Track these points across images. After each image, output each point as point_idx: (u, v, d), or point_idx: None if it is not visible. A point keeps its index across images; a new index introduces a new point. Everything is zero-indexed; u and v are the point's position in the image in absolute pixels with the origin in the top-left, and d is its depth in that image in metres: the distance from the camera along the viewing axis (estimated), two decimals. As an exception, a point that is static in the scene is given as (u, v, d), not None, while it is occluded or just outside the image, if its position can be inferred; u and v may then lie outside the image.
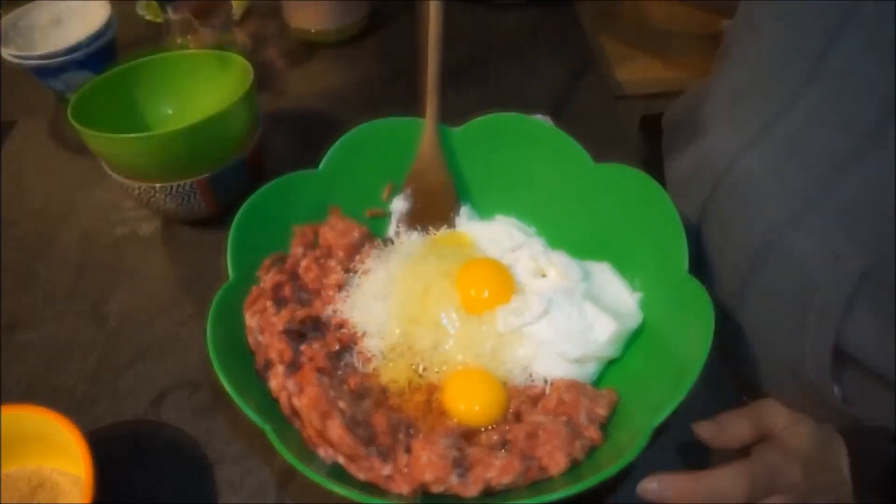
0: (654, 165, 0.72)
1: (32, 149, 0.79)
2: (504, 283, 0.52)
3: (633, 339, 0.51)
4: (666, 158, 0.53)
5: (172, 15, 0.74)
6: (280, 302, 0.52)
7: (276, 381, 0.46)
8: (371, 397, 0.48)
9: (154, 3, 0.74)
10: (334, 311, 0.54)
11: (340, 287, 0.55)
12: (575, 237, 0.58)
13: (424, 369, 0.50)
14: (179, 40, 0.75)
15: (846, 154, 0.45)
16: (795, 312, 0.51)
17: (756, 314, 0.55)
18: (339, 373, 0.49)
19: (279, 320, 0.49)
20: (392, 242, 0.60)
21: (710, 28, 1.01)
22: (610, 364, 0.51)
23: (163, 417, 0.53)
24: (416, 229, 0.60)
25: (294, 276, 0.55)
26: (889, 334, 0.45)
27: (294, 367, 0.48)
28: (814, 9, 0.46)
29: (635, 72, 0.95)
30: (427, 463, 0.41)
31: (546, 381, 0.49)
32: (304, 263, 0.55)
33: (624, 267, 0.55)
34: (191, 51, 0.73)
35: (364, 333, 0.52)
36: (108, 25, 0.78)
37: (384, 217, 0.62)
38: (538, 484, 0.43)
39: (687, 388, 0.42)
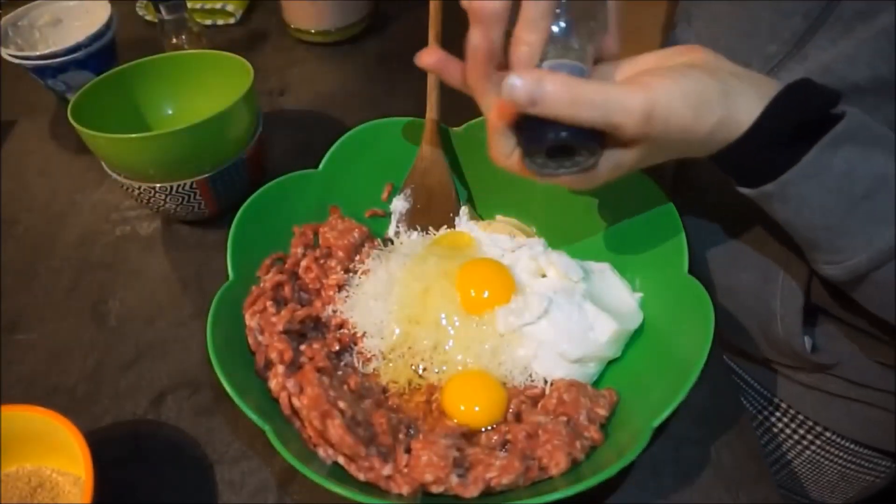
0: (653, 165, 0.72)
1: (32, 149, 0.79)
2: (504, 283, 0.52)
3: (634, 339, 0.51)
4: None
5: (166, 15, 0.74)
6: (280, 302, 0.52)
7: (276, 381, 0.46)
8: (371, 397, 0.48)
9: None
10: (334, 311, 0.54)
11: (340, 287, 0.55)
12: (575, 237, 0.58)
13: (424, 370, 0.50)
14: (174, 40, 0.75)
15: None
16: (766, 273, 0.53)
17: (727, 275, 0.57)
18: (339, 373, 0.49)
19: (279, 320, 0.49)
20: (392, 242, 0.60)
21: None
22: (610, 364, 0.51)
23: (163, 417, 0.52)
24: (416, 229, 0.60)
25: (294, 276, 0.55)
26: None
27: (294, 367, 0.48)
28: None
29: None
30: (427, 463, 0.41)
31: (546, 382, 0.49)
32: (304, 263, 0.55)
33: (624, 267, 0.55)
34: (191, 51, 0.73)
35: (364, 333, 0.52)
36: (108, 25, 0.78)
37: (384, 217, 0.62)
38: (538, 484, 0.43)
39: (687, 387, 0.42)
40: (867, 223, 0.40)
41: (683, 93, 0.37)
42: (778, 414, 0.65)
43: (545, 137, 0.38)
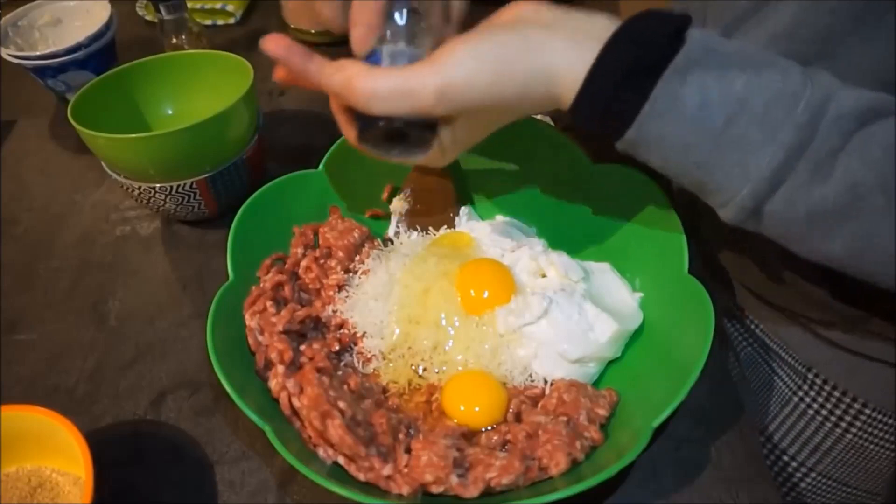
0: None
1: (32, 149, 0.79)
2: (504, 283, 0.52)
3: (634, 339, 0.51)
4: None
5: (166, 15, 0.74)
6: (280, 302, 0.52)
7: (276, 381, 0.46)
8: (371, 397, 0.48)
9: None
10: (334, 312, 0.54)
11: (340, 287, 0.55)
12: (575, 237, 0.57)
13: (424, 370, 0.50)
14: (174, 40, 0.76)
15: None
16: None
17: None
18: (339, 373, 0.49)
19: (279, 320, 0.49)
20: (392, 242, 0.60)
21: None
22: (610, 364, 0.51)
23: (163, 417, 0.52)
24: (416, 229, 0.60)
25: (294, 276, 0.55)
26: None
27: (294, 367, 0.48)
28: None
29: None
30: (427, 463, 0.41)
31: (546, 382, 0.49)
32: (304, 263, 0.55)
33: (624, 267, 0.55)
34: (191, 51, 0.73)
35: (364, 334, 0.52)
36: (108, 25, 0.78)
37: (384, 217, 0.62)
38: (538, 484, 0.43)
39: (687, 388, 0.42)
40: (736, 152, 0.37)
41: (476, 60, 0.37)
42: (812, 394, 0.62)
43: (372, 124, 0.40)
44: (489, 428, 0.47)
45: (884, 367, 0.56)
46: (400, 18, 0.41)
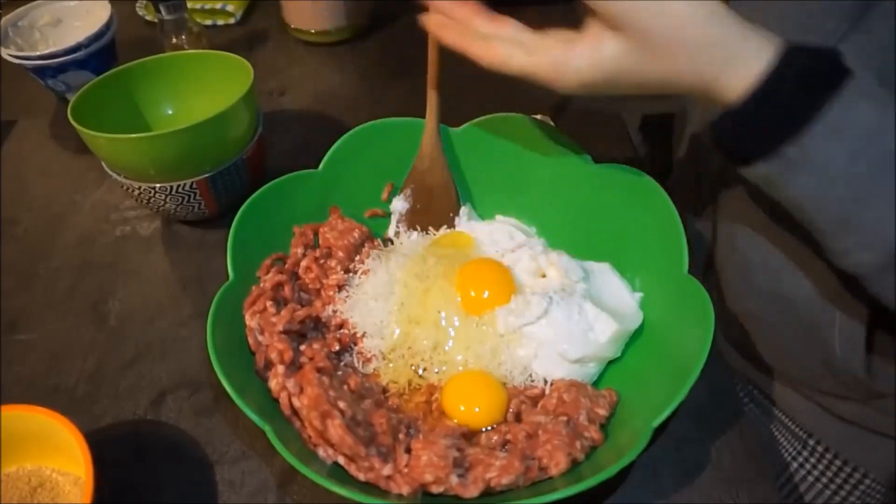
0: (654, 165, 0.72)
1: (32, 149, 0.79)
2: (504, 283, 0.52)
3: (634, 339, 0.51)
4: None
5: (166, 15, 0.74)
6: (280, 302, 0.52)
7: (276, 381, 0.46)
8: (371, 397, 0.48)
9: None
10: (334, 312, 0.54)
11: (340, 287, 0.55)
12: (575, 237, 0.58)
13: (424, 370, 0.50)
14: (174, 40, 0.76)
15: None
16: (826, 280, 0.48)
17: (779, 280, 0.52)
18: (339, 373, 0.49)
19: (279, 320, 0.49)
20: (392, 242, 0.60)
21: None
22: (610, 364, 0.51)
23: (163, 417, 0.52)
24: (416, 229, 0.60)
25: (294, 276, 0.55)
26: None
27: (294, 367, 0.48)
28: None
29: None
30: (427, 463, 0.41)
31: (546, 382, 0.49)
32: (304, 263, 0.55)
33: (624, 267, 0.55)
34: (191, 51, 0.73)
35: (364, 334, 0.52)
36: (108, 25, 0.78)
37: (384, 217, 0.62)
38: (538, 484, 0.43)
39: (687, 388, 0.42)
40: None
41: None
42: (812, 460, 0.61)
43: None
44: (489, 428, 0.47)
45: (885, 439, 0.56)
46: None
